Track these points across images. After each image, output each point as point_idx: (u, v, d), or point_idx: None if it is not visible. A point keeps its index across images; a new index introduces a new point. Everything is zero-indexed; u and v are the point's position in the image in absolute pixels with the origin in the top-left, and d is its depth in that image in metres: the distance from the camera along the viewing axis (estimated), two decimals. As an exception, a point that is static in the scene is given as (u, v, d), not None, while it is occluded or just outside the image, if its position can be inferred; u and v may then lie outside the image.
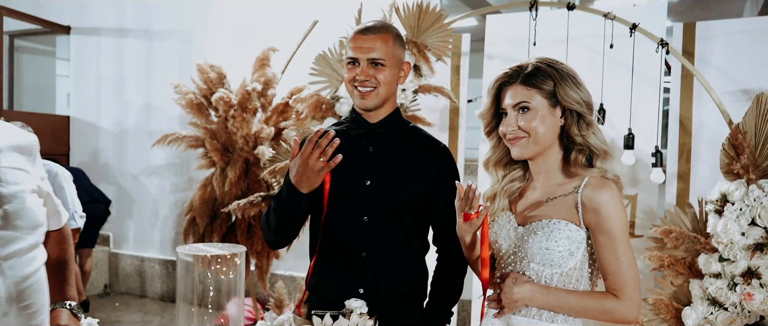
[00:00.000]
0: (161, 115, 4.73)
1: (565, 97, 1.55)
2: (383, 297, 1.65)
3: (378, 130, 1.70)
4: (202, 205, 3.41)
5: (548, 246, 1.51)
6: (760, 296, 2.05)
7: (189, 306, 2.70)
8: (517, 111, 1.57)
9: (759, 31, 2.75)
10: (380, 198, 1.66)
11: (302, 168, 1.51)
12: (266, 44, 3.61)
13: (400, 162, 1.69)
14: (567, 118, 1.56)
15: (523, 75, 1.58)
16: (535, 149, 1.56)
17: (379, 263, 1.66)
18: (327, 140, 1.48)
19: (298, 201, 1.55)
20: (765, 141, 2.13)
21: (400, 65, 1.68)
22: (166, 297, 4.76)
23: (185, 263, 2.73)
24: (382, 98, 1.66)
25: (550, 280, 1.53)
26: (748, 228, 2.09)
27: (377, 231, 1.66)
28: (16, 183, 1.35)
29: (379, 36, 1.63)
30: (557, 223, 1.52)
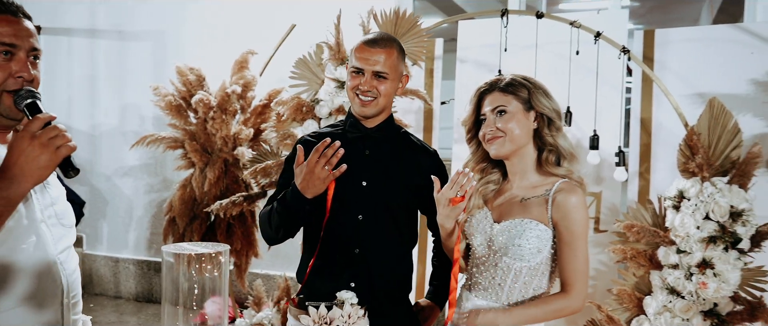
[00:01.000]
0: (135, 116, 4.74)
1: (537, 103, 1.75)
2: (374, 289, 1.77)
3: (374, 135, 1.81)
4: (181, 205, 3.47)
5: (520, 243, 1.69)
6: (713, 285, 2.22)
7: (174, 305, 2.77)
8: (495, 114, 1.76)
9: (712, 39, 2.94)
10: (376, 198, 1.78)
11: (308, 176, 1.62)
12: (243, 47, 3.67)
13: (395, 165, 1.81)
14: (539, 122, 1.77)
15: (501, 84, 1.78)
16: (511, 148, 1.76)
17: (371, 258, 1.78)
18: (332, 150, 1.59)
19: (303, 205, 1.65)
20: (717, 142, 2.31)
21: (400, 78, 1.80)
22: (141, 298, 4.78)
23: (170, 262, 2.80)
24: (380, 107, 1.77)
25: (519, 272, 1.72)
26: (703, 222, 2.26)
27: (371, 229, 1.78)
28: (57, 185, 1.48)
29: (385, 50, 1.75)
30: (529, 223, 1.71)
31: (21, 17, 1.33)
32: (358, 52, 1.77)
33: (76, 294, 1.50)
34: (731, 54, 2.85)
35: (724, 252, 2.23)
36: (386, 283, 1.83)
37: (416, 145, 1.92)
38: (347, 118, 1.88)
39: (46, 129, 1.22)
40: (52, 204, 1.43)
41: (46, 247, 1.38)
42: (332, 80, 2.83)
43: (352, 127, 1.84)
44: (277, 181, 1.93)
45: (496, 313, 1.71)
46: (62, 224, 1.45)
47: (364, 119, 1.82)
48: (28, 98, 1.29)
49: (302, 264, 1.90)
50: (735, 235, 2.22)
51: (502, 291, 1.75)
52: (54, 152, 1.21)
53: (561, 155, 1.79)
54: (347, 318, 1.46)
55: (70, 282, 1.46)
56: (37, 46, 1.35)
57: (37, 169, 1.21)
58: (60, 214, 1.45)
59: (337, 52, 2.84)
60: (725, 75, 2.85)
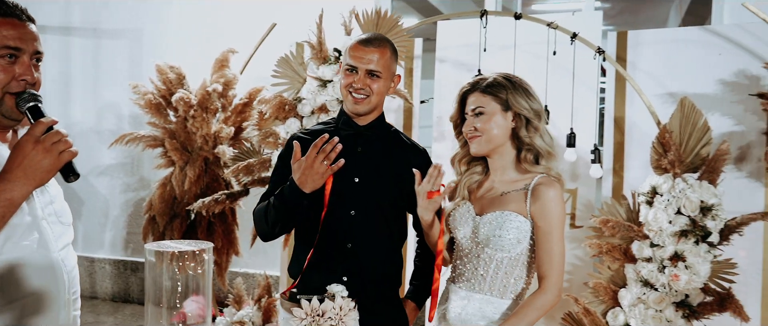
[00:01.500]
0: (111, 115, 4.70)
1: (515, 103, 1.82)
2: (365, 283, 1.82)
3: (366, 132, 1.86)
4: (161, 204, 3.46)
5: (501, 234, 1.76)
6: (685, 276, 2.31)
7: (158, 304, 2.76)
8: (474, 115, 1.82)
9: (682, 40, 3.05)
10: (367, 194, 1.82)
11: (307, 171, 1.66)
12: (222, 46, 3.68)
13: (386, 162, 1.86)
14: (517, 122, 1.83)
15: (481, 85, 1.84)
16: (488, 146, 1.83)
17: (363, 253, 1.83)
18: (331, 145, 1.63)
19: (300, 200, 1.69)
20: (688, 139, 2.40)
21: (392, 77, 1.85)
22: (118, 298, 4.74)
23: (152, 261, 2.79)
24: (373, 106, 1.82)
25: (500, 263, 1.79)
26: (675, 216, 2.35)
27: (363, 224, 1.82)
28: (54, 184, 1.50)
29: (378, 49, 1.80)
30: (509, 215, 1.78)
31: (26, 21, 1.35)
32: (352, 51, 1.82)
33: (76, 291, 1.52)
34: (700, 55, 2.96)
35: (694, 245, 2.32)
36: (377, 277, 1.88)
37: (406, 144, 1.97)
38: (340, 116, 1.92)
39: (49, 134, 1.24)
40: (52, 202, 1.45)
41: (47, 244, 1.40)
42: (314, 79, 2.86)
43: (344, 125, 1.88)
44: (270, 178, 1.96)
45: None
46: (61, 222, 1.47)
47: (356, 117, 1.87)
48: (30, 101, 1.31)
49: (295, 259, 1.93)
50: (705, 229, 2.31)
51: (485, 282, 1.82)
52: (57, 157, 1.24)
53: (539, 154, 1.87)
54: (339, 310, 1.50)
55: (71, 279, 1.48)
56: (40, 49, 1.38)
57: (40, 173, 1.23)
58: (59, 212, 1.47)
59: (319, 51, 2.87)
60: (695, 75, 2.95)
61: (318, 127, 1.96)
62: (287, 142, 1.92)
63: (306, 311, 1.50)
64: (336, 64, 2.83)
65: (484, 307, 1.82)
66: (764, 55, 2.82)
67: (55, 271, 1.42)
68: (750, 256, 2.73)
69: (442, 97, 3.34)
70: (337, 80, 2.83)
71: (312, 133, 1.90)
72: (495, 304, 1.82)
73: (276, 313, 3.33)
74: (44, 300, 1.41)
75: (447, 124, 3.28)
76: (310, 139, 1.80)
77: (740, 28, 2.89)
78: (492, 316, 1.80)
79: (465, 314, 1.82)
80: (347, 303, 1.53)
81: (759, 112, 2.78)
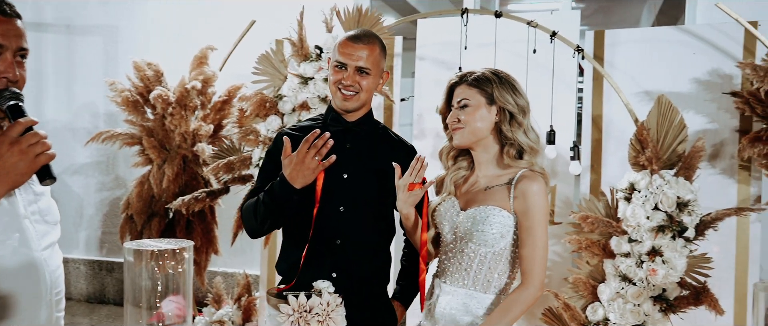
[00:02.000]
0: (85, 113, 4.62)
1: (500, 97, 1.84)
2: (354, 279, 1.82)
3: (355, 129, 1.86)
4: (139, 203, 3.42)
5: (484, 229, 1.78)
6: (662, 271, 2.35)
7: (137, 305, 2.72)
8: (459, 107, 1.84)
9: (657, 40, 3.10)
10: (356, 190, 1.83)
11: (298, 166, 1.65)
12: (200, 43, 3.64)
13: (374, 158, 1.86)
14: (501, 116, 1.84)
15: (469, 78, 1.86)
16: (471, 138, 1.85)
17: (351, 249, 1.83)
18: (322, 141, 1.63)
19: (290, 195, 1.68)
20: (665, 136, 2.45)
21: (381, 74, 1.85)
22: (93, 299, 4.67)
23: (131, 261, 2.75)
24: (362, 102, 1.82)
25: (484, 258, 1.81)
26: (652, 212, 2.39)
27: (352, 220, 1.83)
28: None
29: (368, 46, 1.80)
30: (492, 209, 1.79)
31: (11, 16, 1.32)
32: (341, 48, 1.82)
33: (60, 291, 1.49)
34: (675, 54, 3.01)
35: (671, 240, 2.36)
36: (366, 274, 1.88)
37: (394, 140, 1.99)
38: (328, 112, 1.92)
39: (26, 135, 1.20)
40: (36, 200, 1.42)
41: (29, 243, 1.37)
42: (295, 76, 2.85)
43: (333, 121, 1.88)
44: (257, 175, 1.95)
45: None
46: (46, 221, 1.44)
47: (345, 113, 1.87)
48: (11, 100, 1.28)
49: (283, 256, 1.93)
50: (682, 225, 2.36)
51: (469, 277, 1.83)
52: (33, 160, 1.21)
53: (522, 149, 1.89)
54: (326, 306, 1.50)
55: (54, 279, 1.45)
56: (25, 45, 1.34)
57: (14, 175, 1.20)
58: (44, 211, 1.44)
59: (300, 48, 2.86)
60: (670, 74, 3.00)
61: (306, 124, 1.96)
62: (275, 139, 1.91)
63: (293, 307, 1.50)
64: (317, 61, 2.83)
65: (468, 302, 1.83)
66: (737, 54, 2.89)
67: (37, 271, 1.39)
68: (723, 251, 2.79)
69: (422, 95, 3.35)
70: (319, 77, 2.83)
71: (300, 129, 1.89)
72: (479, 299, 1.83)
73: (256, 312, 3.31)
74: (25, 299, 1.38)
75: (427, 122, 3.31)
76: (299, 135, 1.79)
77: (713, 28, 2.95)
78: (476, 311, 1.82)
79: (449, 309, 1.83)
80: (334, 299, 1.53)
81: (732, 110, 2.84)
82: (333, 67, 1.84)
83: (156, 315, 2.97)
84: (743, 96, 2.71)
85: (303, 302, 1.50)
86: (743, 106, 2.70)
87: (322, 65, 2.82)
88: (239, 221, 3.15)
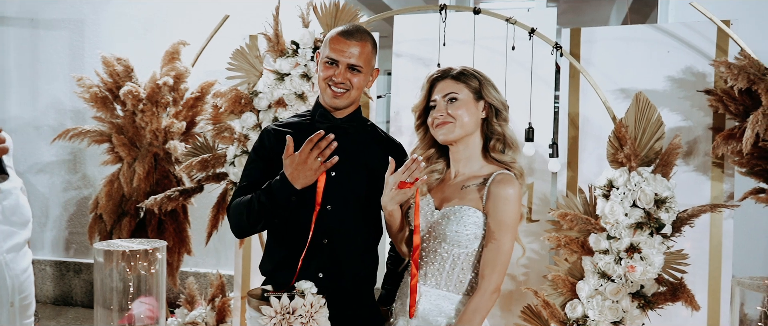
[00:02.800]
0: (51, 110, 4.48)
1: (488, 94, 1.82)
2: (340, 280, 1.78)
3: (343, 126, 1.82)
4: (108, 202, 3.32)
5: (458, 230, 1.75)
6: (640, 268, 2.36)
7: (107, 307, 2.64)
8: (446, 100, 1.82)
9: (632, 38, 3.12)
10: (344, 189, 1.78)
11: (300, 166, 1.61)
12: (170, 38, 3.56)
13: (363, 156, 1.82)
14: (488, 112, 1.83)
15: (452, 73, 1.84)
16: (459, 133, 1.82)
17: (339, 249, 1.79)
18: (326, 142, 1.59)
19: (289, 195, 1.64)
20: (643, 134, 2.46)
21: (371, 71, 1.81)
22: (59, 301, 4.53)
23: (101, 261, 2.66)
24: (352, 100, 1.78)
25: (457, 258, 1.78)
26: (630, 209, 2.41)
27: (339, 219, 1.78)
28: (10, 179, 1.38)
29: (360, 43, 1.76)
30: (467, 210, 1.77)
31: None
32: (333, 43, 1.77)
33: (27, 296, 1.41)
34: (650, 52, 3.03)
35: (649, 237, 2.37)
36: (353, 274, 1.84)
37: (383, 138, 1.95)
38: (316, 109, 1.87)
39: None
40: (2, 199, 1.34)
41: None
42: (271, 72, 2.79)
43: (321, 118, 1.84)
44: (243, 173, 1.89)
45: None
46: (10, 221, 1.36)
47: (334, 110, 1.83)
48: None
49: (268, 257, 1.87)
50: (659, 221, 2.38)
51: (441, 277, 1.81)
52: None
53: (507, 144, 1.87)
54: (309, 308, 1.46)
55: (19, 283, 1.37)
56: None
57: None
58: (7, 210, 1.36)
59: (276, 44, 2.80)
60: (645, 72, 3.03)
61: (293, 120, 1.91)
62: (261, 135, 1.86)
63: (275, 309, 1.45)
64: (294, 56, 2.77)
65: (441, 303, 1.80)
66: (710, 52, 2.92)
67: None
68: (696, 248, 2.82)
69: (399, 92, 3.32)
70: (295, 73, 2.77)
71: (288, 126, 1.84)
72: (451, 300, 1.81)
73: (230, 313, 3.25)
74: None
75: (403, 119, 3.28)
76: (286, 131, 1.74)
77: (687, 26, 2.98)
78: (449, 312, 1.79)
79: (423, 310, 1.80)
80: (318, 300, 1.49)
81: (705, 108, 2.87)
82: (323, 63, 1.79)
83: (127, 316, 2.89)
84: (717, 94, 2.74)
85: (285, 303, 1.46)
86: (717, 104, 2.74)
87: (298, 61, 2.77)
88: (213, 220, 3.08)
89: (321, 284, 1.67)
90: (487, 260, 1.74)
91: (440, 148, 1.93)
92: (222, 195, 3.09)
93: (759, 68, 2.62)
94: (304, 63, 2.77)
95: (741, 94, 2.65)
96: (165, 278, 2.83)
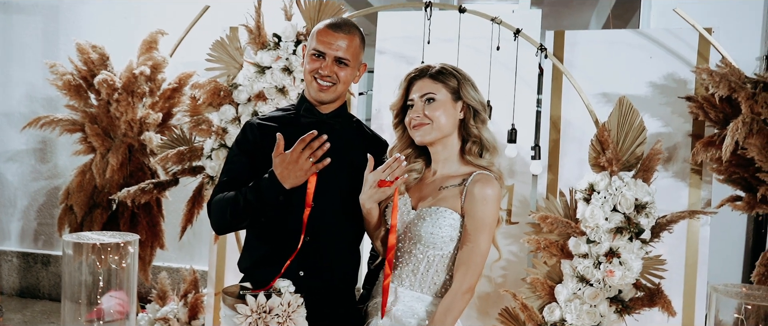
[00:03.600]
0: (23, 97, 4.36)
1: (466, 94, 1.79)
2: (321, 278, 1.73)
3: (329, 121, 1.78)
4: (80, 193, 3.23)
5: (433, 231, 1.72)
6: (619, 272, 2.36)
7: (75, 300, 2.56)
8: (423, 101, 1.78)
9: (615, 42, 3.12)
10: (327, 185, 1.73)
11: (291, 166, 1.56)
12: (149, 27, 3.48)
13: (348, 153, 1.78)
14: (466, 113, 1.80)
15: (431, 72, 1.80)
16: (436, 135, 1.78)
17: (321, 247, 1.74)
18: (319, 142, 1.54)
19: (277, 194, 1.59)
20: (625, 138, 2.46)
21: (359, 66, 1.77)
22: (27, 294, 4.41)
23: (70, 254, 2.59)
24: (338, 94, 1.74)
25: (432, 260, 1.75)
26: (611, 213, 2.40)
27: (322, 217, 1.74)
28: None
29: (348, 36, 1.72)
30: (444, 211, 1.74)
31: None
32: (320, 36, 1.73)
33: None
34: (632, 57, 3.04)
35: (629, 242, 2.37)
36: (334, 273, 1.80)
37: (368, 135, 1.91)
38: (301, 102, 1.82)
39: None
40: None
41: None
42: (252, 65, 2.74)
43: (306, 112, 1.79)
44: (224, 167, 1.83)
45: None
46: None
47: (319, 104, 1.78)
48: None
49: (247, 253, 1.82)
50: (639, 226, 2.38)
51: (415, 279, 1.77)
52: None
53: (484, 147, 1.85)
54: (286, 307, 1.41)
55: None
56: None
57: None
58: None
59: (257, 36, 2.75)
60: (626, 77, 3.03)
61: (277, 113, 1.86)
62: (244, 128, 1.80)
63: (251, 308, 1.40)
64: (275, 50, 2.72)
65: (414, 305, 1.77)
66: (691, 59, 2.94)
67: None
68: (672, 254, 2.83)
69: (381, 90, 3.29)
70: (276, 67, 2.72)
71: (272, 119, 1.79)
72: (424, 301, 1.77)
73: (203, 309, 3.18)
74: None
75: (385, 118, 3.24)
76: (270, 125, 1.69)
77: (670, 33, 2.99)
78: (421, 313, 1.76)
79: (396, 311, 1.76)
80: (295, 298, 1.45)
81: (685, 115, 2.88)
82: (309, 56, 1.75)
83: (96, 310, 2.81)
84: (697, 101, 2.76)
85: (262, 302, 1.41)
86: (697, 111, 2.75)
87: (280, 54, 2.71)
88: (188, 215, 3.02)
89: (301, 282, 1.63)
90: (461, 260, 1.71)
91: (419, 146, 1.90)
92: (198, 189, 3.02)
93: (740, 76, 2.63)
94: (286, 56, 2.72)
95: (721, 102, 2.66)
96: (136, 272, 2.76)
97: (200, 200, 2.98)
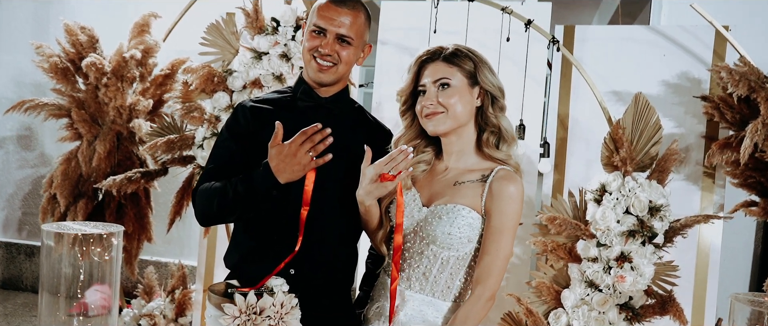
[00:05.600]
0: (9, 81, 4.22)
1: (484, 79, 1.64)
2: (314, 277, 1.60)
3: (328, 106, 1.64)
4: (64, 181, 3.09)
5: (451, 232, 1.57)
6: (630, 278, 2.24)
7: (55, 293, 2.42)
8: (437, 87, 1.63)
9: (626, 38, 3.01)
10: (324, 175, 1.60)
11: (288, 159, 1.43)
12: (140, 8, 3.35)
13: (347, 141, 1.64)
14: (484, 99, 1.65)
15: (445, 54, 1.65)
16: (451, 125, 1.63)
17: (314, 243, 1.61)
18: (321, 136, 1.41)
19: (270, 188, 1.45)
20: (640, 137, 2.34)
21: (363, 46, 1.64)
22: (8, 285, 4.27)
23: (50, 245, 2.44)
24: (339, 75, 1.61)
25: (446, 262, 1.60)
26: (623, 216, 2.28)
27: (316, 210, 1.60)
28: None
29: (352, 12, 1.59)
30: (462, 210, 1.59)
31: None
32: (322, 11, 1.59)
33: None
34: (644, 55, 2.93)
35: (641, 246, 2.26)
36: (328, 272, 1.66)
37: (371, 122, 1.77)
38: (298, 84, 1.69)
39: None
40: None
41: None
42: (248, 50, 2.61)
43: (304, 95, 1.65)
44: (212, 153, 1.69)
45: None
46: None
47: (318, 87, 1.65)
48: None
49: (234, 247, 1.69)
50: (652, 230, 2.26)
51: (427, 282, 1.64)
52: None
53: (502, 137, 1.70)
54: (279, 308, 1.28)
55: None
56: None
57: None
58: None
59: (254, 20, 2.62)
60: (638, 75, 2.92)
61: (273, 96, 1.72)
62: (235, 111, 1.66)
63: (240, 308, 1.27)
64: (273, 34, 2.59)
65: (424, 310, 1.63)
66: (706, 58, 2.83)
67: None
68: (684, 259, 2.72)
69: (383, 82, 3.17)
70: (274, 53, 2.59)
71: (266, 102, 1.65)
72: (436, 307, 1.63)
73: (191, 306, 3.05)
74: None
75: (386, 111, 3.11)
76: (264, 108, 1.56)
77: (684, 30, 2.88)
78: (434, 320, 1.62)
79: (404, 316, 1.62)
80: (289, 299, 1.31)
81: (699, 115, 2.77)
82: (309, 32, 1.61)
83: (78, 305, 2.67)
84: (714, 101, 2.64)
85: (252, 302, 1.28)
86: (713, 112, 2.64)
87: (278, 40, 2.58)
88: (177, 206, 2.89)
89: (292, 281, 1.49)
90: (484, 264, 1.57)
91: (429, 135, 1.74)
92: (188, 180, 2.89)
93: (759, 76, 2.52)
94: (284, 42, 2.59)
95: (739, 103, 2.55)
96: (120, 266, 2.62)
97: (190, 191, 2.86)
